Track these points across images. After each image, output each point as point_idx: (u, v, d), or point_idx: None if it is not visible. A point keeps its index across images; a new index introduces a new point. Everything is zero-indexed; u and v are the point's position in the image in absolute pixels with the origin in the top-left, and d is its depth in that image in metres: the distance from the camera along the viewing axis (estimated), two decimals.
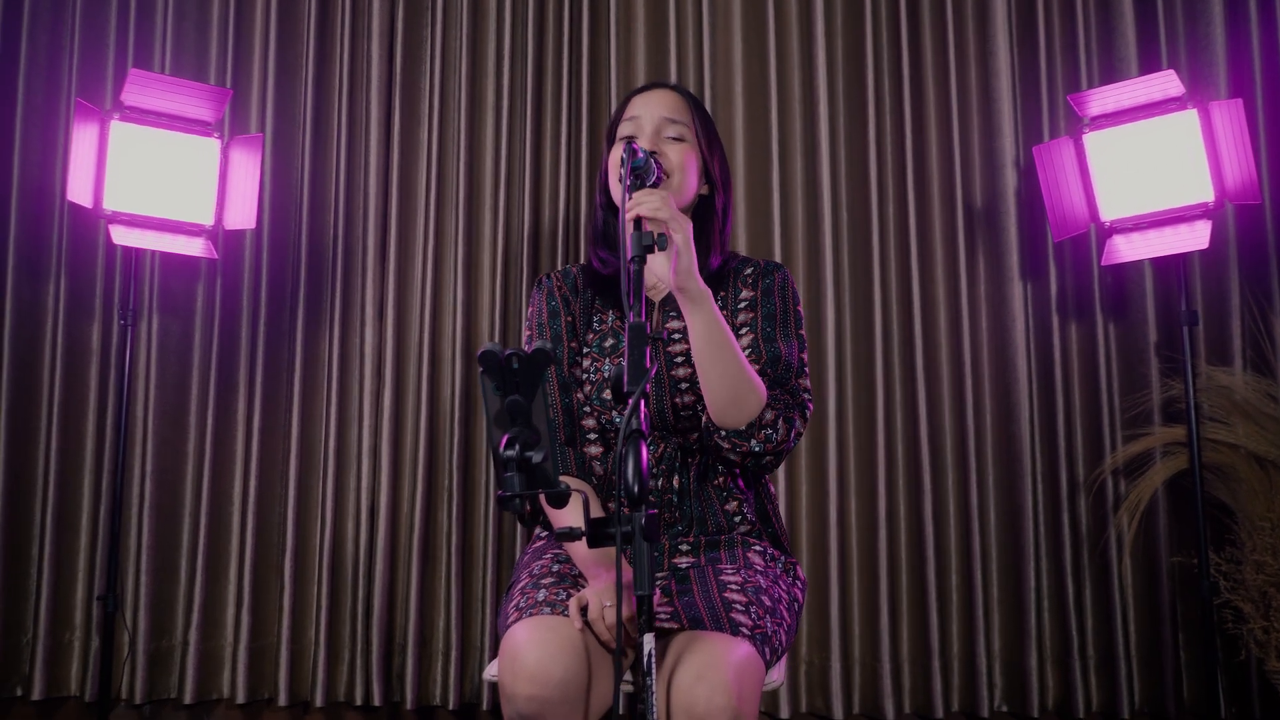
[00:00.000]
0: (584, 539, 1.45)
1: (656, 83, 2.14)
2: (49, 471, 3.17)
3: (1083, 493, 3.10)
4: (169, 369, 3.23)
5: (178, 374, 3.24)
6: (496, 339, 3.18)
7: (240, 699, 3.10)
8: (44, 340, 3.23)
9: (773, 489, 2.10)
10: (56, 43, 3.32)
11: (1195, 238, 2.72)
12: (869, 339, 3.17)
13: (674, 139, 2.02)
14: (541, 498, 1.39)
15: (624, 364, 1.45)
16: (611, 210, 2.12)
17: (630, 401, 1.41)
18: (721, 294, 2.06)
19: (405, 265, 3.27)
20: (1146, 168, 2.79)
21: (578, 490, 1.63)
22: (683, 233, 1.73)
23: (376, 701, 3.08)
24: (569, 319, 2.09)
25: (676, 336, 2.01)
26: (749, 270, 2.08)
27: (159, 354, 3.22)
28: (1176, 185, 2.75)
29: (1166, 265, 3.11)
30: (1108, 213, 2.85)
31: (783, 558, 2.00)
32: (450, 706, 3.06)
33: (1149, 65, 3.20)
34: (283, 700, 3.09)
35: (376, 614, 3.11)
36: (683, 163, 2.00)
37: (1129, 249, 2.83)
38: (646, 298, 2.05)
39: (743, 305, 2.04)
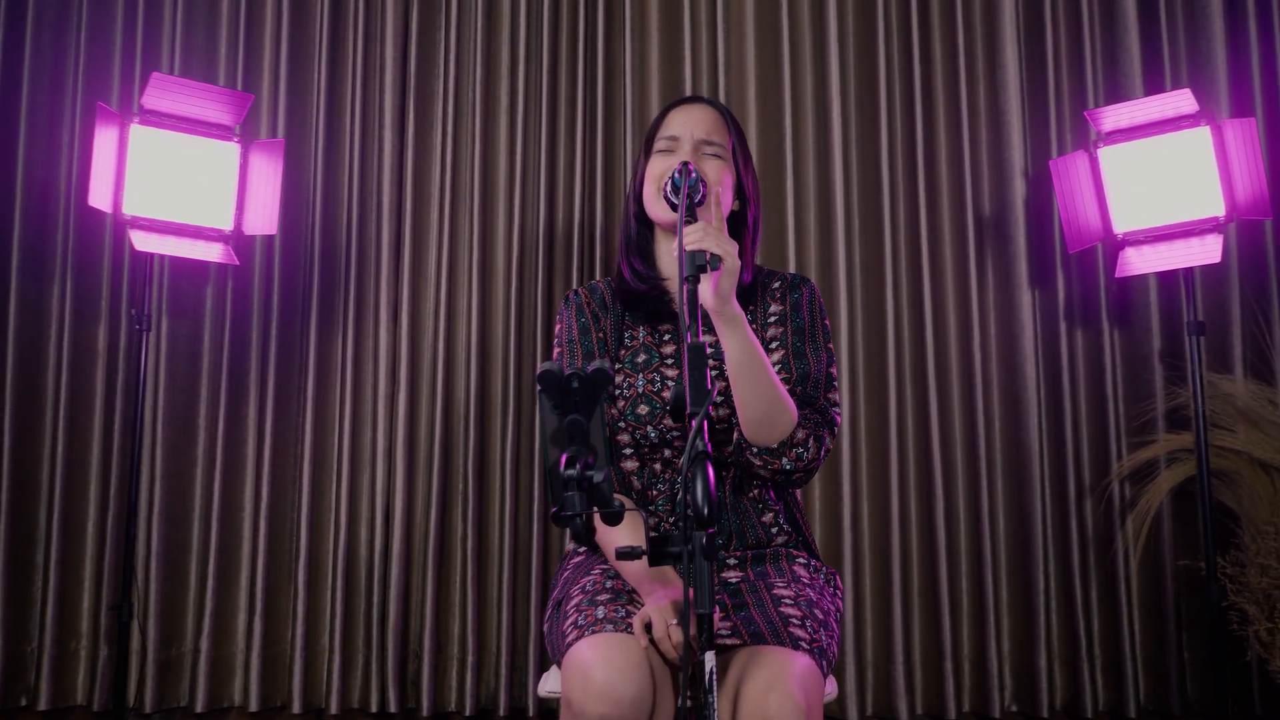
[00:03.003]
0: (619, 556, 1.48)
1: (695, 97, 2.15)
2: (55, 476, 3.13)
3: (1090, 497, 3.17)
4: (178, 372, 3.20)
5: (187, 377, 3.21)
6: (511, 342, 3.19)
7: (253, 707, 3.08)
8: (48, 342, 3.18)
9: (800, 497, 2.13)
10: (61, 42, 3.26)
11: (1206, 252, 2.79)
12: (881, 344, 3.22)
13: (712, 156, 2.04)
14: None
15: (685, 385, 1.47)
16: (645, 222, 2.13)
17: (694, 423, 1.42)
18: (751, 308, 2.08)
19: (419, 268, 3.26)
20: (1159, 182, 2.85)
21: (633, 509, 1.65)
22: (732, 258, 1.75)
23: (392, 708, 3.07)
24: (600, 335, 2.09)
25: (709, 350, 2.03)
26: (776, 284, 2.10)
27: (168, 357, 3.19)
28: (1188, 200, 2.82)
29: (1170, 275, 3.18)
30: (1120, 225, 2.92)
31: (824, 568, 2.03)
32: (467, 712, 3.06)
33: (1153, 80, 3.27)
34: (296, 707, 3.07)
35: (392, 619, 3.10)
36: (719, 179, 2.02)
37: (1140, 261, 2.90)
38: (673, 311, 2.08)
39: (772, 320, 2.06)
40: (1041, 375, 3.23)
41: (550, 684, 1.96)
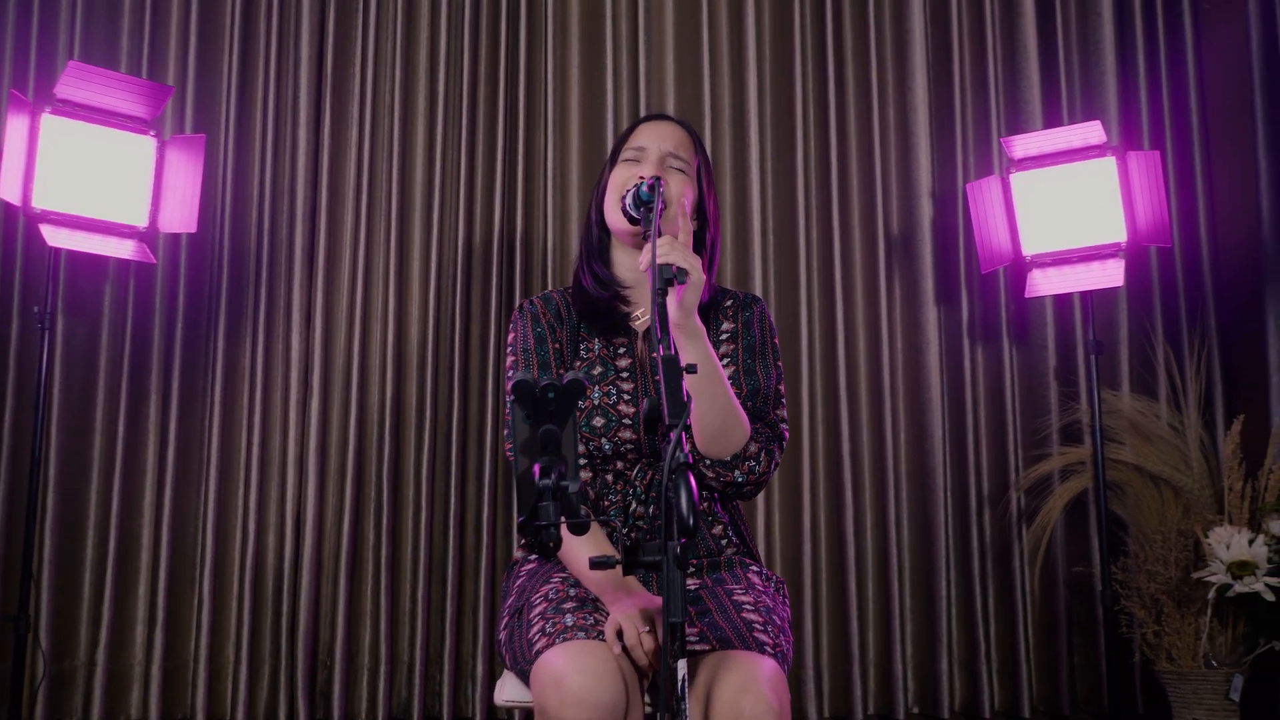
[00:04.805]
0: (593, 565, 1.49)
1: (665, 115, 2.19)
2: None
3: (989, 508, 3.30)
4: (75, 374, 3.07)
5: (84, 379, 3.08)
6: (428, 350, 3.16)
7: None
8: None
9: (742, 509, 2.17)
10: None
11: (1108, 275, 2.95)
12: (794, 357, 3.29)
13: (677, 170, 2.07)
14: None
15: (661, 397, 1.49)
16: (605, 229, 2.14)
17: (672, 435, 1.44)
18: (705, 325, 2.12)
19: (333, 270, 3.20)
20: (1066, 208, 3.00)
21: (593, 520, 1.67)
22: (697, 272, 1.80)
23: (301, 719, 3.00)
24: (556, 345, 2.10)
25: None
26: (729, 302, 2.14)
27: (64, 357, 3.05)
28: (1093, 225, 2.97)
29: (1065, 296, 3.34)
30: (1029, 248, 3.05)
31: (774, 577, 2.08)
32: None
33: (1051, 108, 3.44)
34: None
35: (302, 629, 3.03)
36: (682, 193, 2.04)
37: (1046, 283, 3.04)
38: (631, 326, 2.10)
39: (724, 337, 2.10)
40: (945, 390, 3.35)
41: (508, 692, 1.95)
